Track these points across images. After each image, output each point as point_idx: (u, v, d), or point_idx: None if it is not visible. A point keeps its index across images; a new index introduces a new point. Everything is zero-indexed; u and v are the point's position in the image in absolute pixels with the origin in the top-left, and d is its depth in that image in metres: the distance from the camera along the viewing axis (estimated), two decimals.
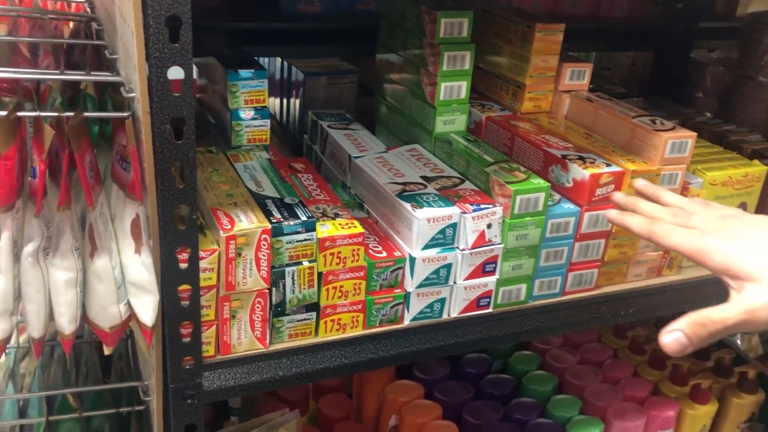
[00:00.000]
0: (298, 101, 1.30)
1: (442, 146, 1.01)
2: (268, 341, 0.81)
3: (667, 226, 0.69)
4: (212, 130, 1.06)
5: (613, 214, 0.77)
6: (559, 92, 1.10)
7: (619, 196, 0.81)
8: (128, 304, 0.71)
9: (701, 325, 0.60)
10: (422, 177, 0.93)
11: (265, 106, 0.95)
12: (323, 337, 0.84)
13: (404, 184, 0.90)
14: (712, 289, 1.05)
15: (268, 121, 0.95)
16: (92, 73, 0.73)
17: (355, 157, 0.98)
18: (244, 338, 0.79)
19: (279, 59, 1.35)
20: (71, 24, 1.02)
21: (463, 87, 1.01)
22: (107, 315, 0.69)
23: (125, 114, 0.65)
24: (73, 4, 1.11)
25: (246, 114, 0.93)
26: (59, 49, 0.91)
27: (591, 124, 1.05)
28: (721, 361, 1.34)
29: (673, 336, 0.60)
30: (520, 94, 1.09)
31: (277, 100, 1.39)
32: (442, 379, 1.25)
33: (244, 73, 0.92)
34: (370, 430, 1.23)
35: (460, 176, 0.94)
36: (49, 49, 0.87)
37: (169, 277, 0.71)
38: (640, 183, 0.82)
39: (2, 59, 0.85)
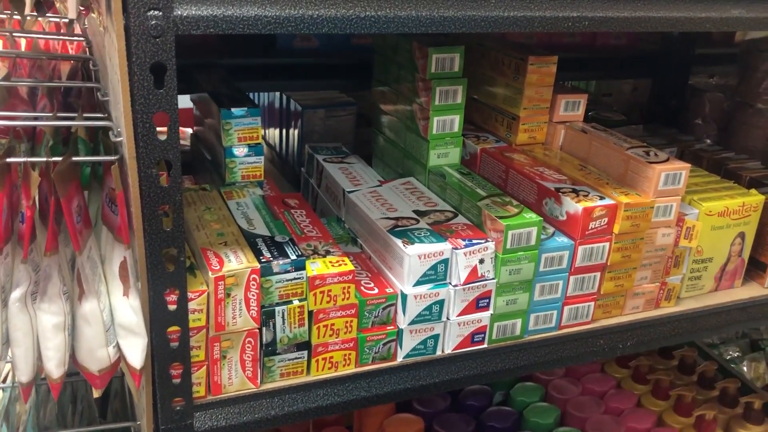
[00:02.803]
0: (296, 133, 1.31)
1: (435, 179, 1.01)
2: (259, 381, 0.81)
3: None
4: (208, 166, 1.06)
5: None
6: (553, 123, 1.10)
7: None
8: (117, 346, 0.71)
9: None
10: (415, 211, 0.93)
11: (258, 143, 0.95)
12: (315, 376, 0.83)
13: (396, 219, 0.90)
14: (711, 320, 1.04)
15: (262, 158, 0.96)
16: (84, 116, 0.74)
17: (349, 192, 0.98)
18: (235, 378, 0.79)
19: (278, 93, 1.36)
20: (71, 63, 1.04)
21: (456, 120, 1.01)
22: (95, 358, 0.69)
23: (113, 158, 0.66)
24: (75, 43, 1.13)
25: (239, 151, 0.94)
26: (56, 89, 0.93)
27: (586, 156, 1.05)
28: (726, 391, 1.32)
29: None
30: (514, 126, 1.09)
31: (277, 132, 1.40)
32: (442, 412, 1.24)
33: (237, 111, 0.93)
34: None
35: (453, 210, 0.94)
36: (45, 91, 0.88)
37: (157, 318, 0.71)
38: None
39: None
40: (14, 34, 1.06)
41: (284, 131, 1.37)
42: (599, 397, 1.32)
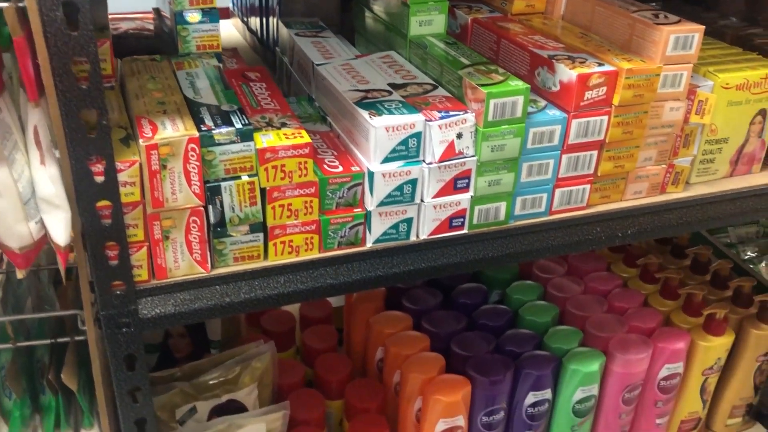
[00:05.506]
0: (276, 19, 1.19)
1: (417, 51, 0.91)
2: (209, 265, 0.74)
3: None
4: (167, 41, 0.96)
5: None
6: None
7: None
8: (41, 222, 0.63)
9: None
10: (390, 84, 0.83)
11: (213, 8, 0.85)
12: (274, 261, 0.76)
13: (366, 91, 0.80)
14: (724, 208, 0.94)
15: (218, 25, 0.86)
16: None
17: (318, 65, 0.88)
18: (182, 261, 0.72)
19: None
20: None
21: None
22: (14, 234, 0.62)
23: (6, 4, 0.56)
24: None
25: (191, 17, 0.84)
26: None
27: (589, 24, 0.93)
28: (740, 290, 1.23)
29: None
30: None
31: (258, 20, 1.29)
32: (432, 310, 1.18)
33: None
34: (356, 362, 1.17)
35: (433, 83, 0.84)
36: None
37: (83, 191, 0.63)
38: None
39: None
40: None
41: (263, 15, 1.26)
42: (603, 296, 1.24)
